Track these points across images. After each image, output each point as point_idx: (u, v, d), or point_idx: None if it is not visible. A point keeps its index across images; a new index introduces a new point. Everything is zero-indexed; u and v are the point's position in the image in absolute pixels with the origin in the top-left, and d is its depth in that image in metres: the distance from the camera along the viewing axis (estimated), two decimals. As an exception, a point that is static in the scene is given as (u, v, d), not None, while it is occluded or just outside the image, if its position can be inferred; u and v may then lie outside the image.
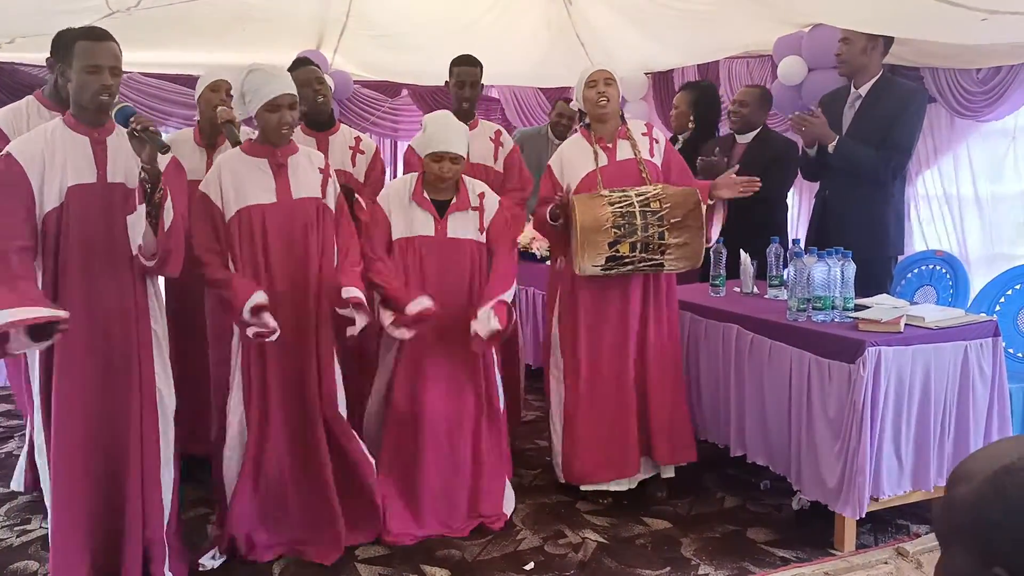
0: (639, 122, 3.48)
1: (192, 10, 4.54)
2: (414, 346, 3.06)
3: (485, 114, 6.46)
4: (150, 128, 2.40)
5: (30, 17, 4.37)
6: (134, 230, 2.50)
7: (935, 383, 2.95)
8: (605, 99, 3.26)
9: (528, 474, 3.76)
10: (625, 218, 3.06)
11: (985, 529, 0.89)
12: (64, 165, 2.50)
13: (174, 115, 5.47)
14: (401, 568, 2.91)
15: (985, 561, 0.88)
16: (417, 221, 3.11)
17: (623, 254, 3.09)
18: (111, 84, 2.48)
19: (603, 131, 3.35)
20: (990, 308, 3.90)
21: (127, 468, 2.59)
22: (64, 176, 2.49)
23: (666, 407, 3.35)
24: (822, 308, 3.08)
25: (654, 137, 3.41)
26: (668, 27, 5.10)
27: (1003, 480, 0.88)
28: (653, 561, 2.96)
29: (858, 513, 2.88)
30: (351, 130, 3.86)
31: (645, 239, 3.08)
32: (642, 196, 3.12)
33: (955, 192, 4.54)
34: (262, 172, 2.87)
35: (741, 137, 4.29)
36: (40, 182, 2.47)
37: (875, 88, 3.67)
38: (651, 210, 3.08)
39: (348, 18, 5.33)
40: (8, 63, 5.07)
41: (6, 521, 3.29)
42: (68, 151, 2.51)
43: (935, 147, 4.55)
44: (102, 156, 2.55)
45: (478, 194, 3.19)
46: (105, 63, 2.47)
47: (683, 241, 3.10)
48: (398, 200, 3.14)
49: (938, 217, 4.61)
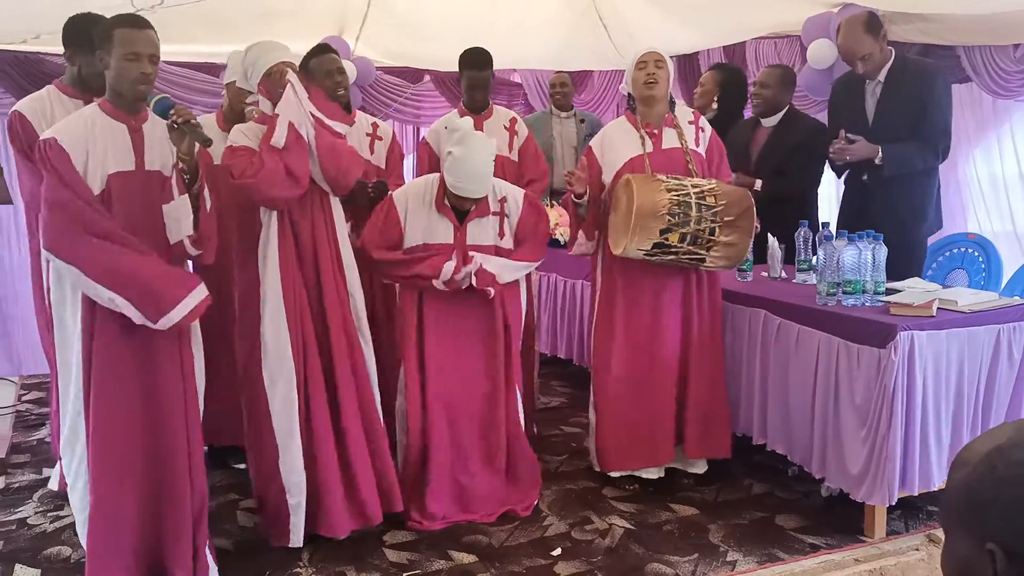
0: (687, 110, 3.41)
1: (216, 7, 4.56)
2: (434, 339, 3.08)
3: (508, 99, 6.43)
4: (191, 121, 2.43)
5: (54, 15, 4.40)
6: (171, 219, 2.54)
7: (968, 367, 2.90)
8: (654, 79, 3.20)
9: (554, 460, 3.76)
10: (681, 208, 3.01)
11: (978, 508, 0.91)
12: (105, 152, 2.51)
13: (197, 103, 5.48)
14: (428, 553, 2.92)
15: (980, 539, 0.91)
16: (436, 228, 3.08)
17: (671, 243, 3.04)
18: (150, 72, 2.49)
19: (650, 116, 3.27)
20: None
21: (174, 455, 2.59)
22: (106, 163, 2.51)
23: (702, 402, 3.31)
24: (852, 292, 3.04)
25: (700, 126, 3.34)
26: (692, 8, 5.04)
27: (994, 460, 0.91)
28: (681, 547, 2.95)
29: (887, 500, 2.85)
30: (367, 117, 3.84)
31: (696, 232, 3.04)
32: (698, 188, 3.07)
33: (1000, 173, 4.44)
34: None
35: (766, 120, 4.17)
36: (84, 168, 2.48)
37: (892, 72, 3.56)
38: (706, 204, 3.04)
39: (369, 6, 5.32)
40: (33, 53, 5.13)
41: (39, 507, 3.34)
42: (108, 138, 2.52)
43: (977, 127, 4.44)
44: (139, 144, 2.56)
45: (499, 199, 3.14)
46: (144, 51, 2.47)
47: (731, 241, 3.06)
48: (417, 203, 3.10)
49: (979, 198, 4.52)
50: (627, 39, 5.64)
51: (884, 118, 3.57)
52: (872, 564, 2.79)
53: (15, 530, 3.14)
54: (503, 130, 3.88)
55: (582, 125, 5.39)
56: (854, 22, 3.52)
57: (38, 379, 5.08)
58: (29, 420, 4.43)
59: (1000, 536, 0.89)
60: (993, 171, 4.47)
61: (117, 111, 2.55)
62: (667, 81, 3.25)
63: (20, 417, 4.49)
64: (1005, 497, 0.89)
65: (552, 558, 2.89)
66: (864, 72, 3.57)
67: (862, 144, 3.48)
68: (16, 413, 4.56)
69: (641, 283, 3.27)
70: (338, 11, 5.38)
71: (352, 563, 2.85)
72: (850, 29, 3.52)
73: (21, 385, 5.09)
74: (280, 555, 2.89)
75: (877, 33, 3.50)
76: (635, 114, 3.31)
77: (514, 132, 3.91)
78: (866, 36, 3.49)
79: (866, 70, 3.55)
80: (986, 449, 0.93)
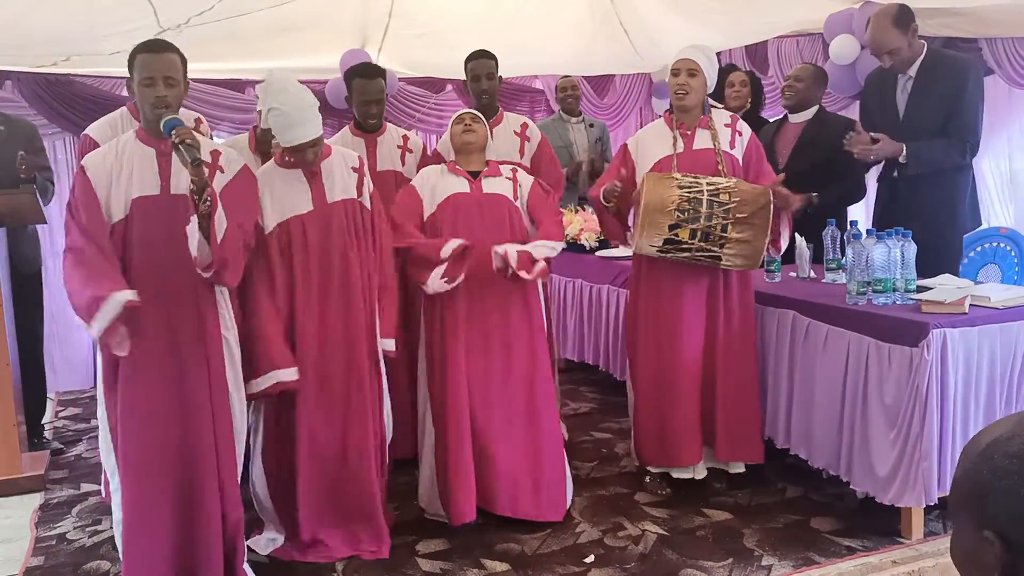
0: (724, 113, 3.40)
1: (239, 25, 4.63)
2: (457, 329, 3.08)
3: (530, 106, 6.45)
4: (187, 140, 2.39)
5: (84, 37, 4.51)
6: (191, 240, 2.53)
7: (1001, 363, 2.86)
8: (684, 90, 3.20)
9: (585, 466, 3.75)
10: (691, 204, 3.01)
11: (977, 497, 0.96)
12: (130, 177, 2.55)
13: (224, 119, 5.55)
14: (461, 562, 2.92)
15: (978, 527, 0.95)
16: (452, 185, 3.15)
17: (681, 239, 3.05)
18: (165, 95, 2.51)
19: (685, 118, 3.29)
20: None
21: (203, 473, 2.62)
22: (130, 188, 2.55)
23: (731, 406, 3.29)
24: (883, 291, 3.00)
25: (738, 129, 3.32)
26: (713, 10, 5.02)
27: (992, 451, 0.96)
28: (715, 553, 2.92)
29: (923, 501, 2.81)
30: (398, 129, 3.87)
31: (707, 228, 3.03)
32: (713, 185, 3.06)
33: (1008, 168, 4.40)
34: (298, 182, 2.91)
35: (795, 116, 4.14)
36: (107, 195, 2.53)
37: (924, 67, 3.51)
38: (719, 201, 3.03)
39: (390, 18, 5.36)
40: (64, 75, 5.23)
41: (78, 522, 3.39)
42: (135, 163, 2.56)
43: (992, 122, 4.40)
44: (166, 168, 2.58)
45: (511, 169, 3.26)
46: (159, 74, 2.50)
47: (745, 238, 3.04)
48: (432, 178, 3.20)
49: (995, 193, 4.47)
50: (648, 43, 5.64)
51: (915, 113, 3.53)
52: (910, 566, 2.75)
53: (55, 545, 3.19)
54: (513, 136, 3.86)
55: (591, 130, 5.36)
56: (883, 15, 3.48)
57: (74, 395, 5.17)
58: (66, 436, 4.50)
59: (997, 524, 0.93)
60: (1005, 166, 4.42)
61: (148, 136, 2.59)
62: (702, 89, 3.23)
63: (57, 433, 4.56)
64: (1000, 486, 0.93)
65: (585, 565, 2.88)
66: (892, 67, 3.53)
67: (885, 142, 3.44)
68: (54, 429, 4.63)
69: (663, 284, 3.27)
70: (359, 24, 5.43)
71: (386, 572, 2.87)
72: (879, 22, 3.49)
73: (58, 401, 5.18)
74: (315, 566, 2.91)
75: (907, 28, 3.46)
76: (672, 115, 3.32)
77: (525, 138, 3.87)
78: (894, 30, 3.45)
79: (893, 64, 3.51)
80: (987, 440, 0.97)
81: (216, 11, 4.42)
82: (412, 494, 3.37)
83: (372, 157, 3.68)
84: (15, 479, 3.71)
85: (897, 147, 3.44)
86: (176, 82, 2.54)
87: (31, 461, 3.89)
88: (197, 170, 2.38)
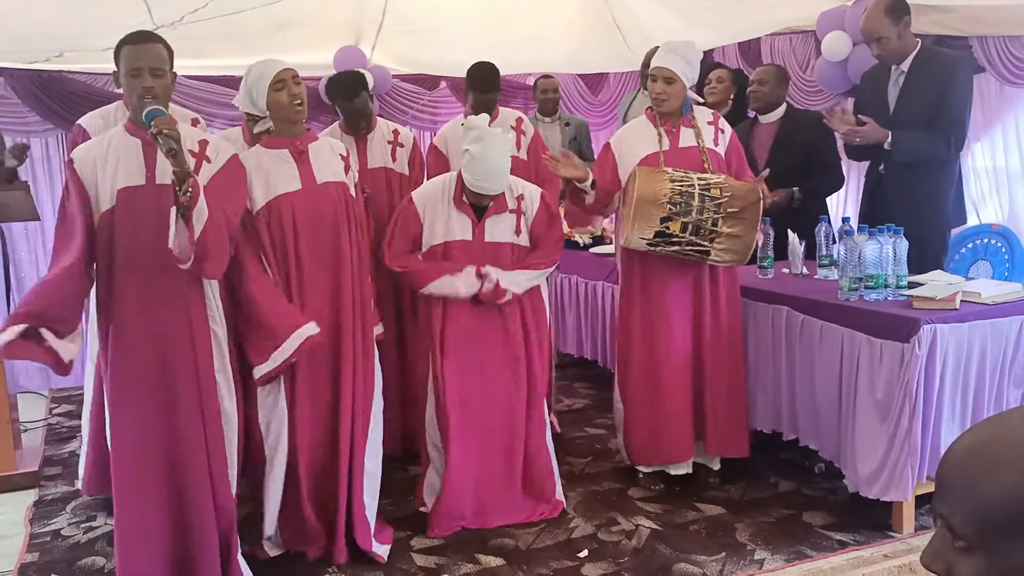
0: (706, 111, 3.42)
1: (234, 22, 4.63)
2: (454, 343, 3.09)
3: (524, 103, 6.44)
4: (164, 130, 2.35)
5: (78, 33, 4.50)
6: (170, 230, 2.46)
7: (991, 358, 2.89)
8: (662, 98, 3.21)
9: (578, 462, 3.76)
10: (683, 197, 3.03)
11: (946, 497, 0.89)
12: (116, 168, 2.54)
13: (218, 116, 5.54)
14: (456, 557, 2.94)
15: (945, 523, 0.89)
16: (455, 225, 3.09)
17: (672, 232, 3.06)
18: (152, 86, 2.49)
19: (667, 117, 3.30)
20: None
21: (191, 468, 2.61)
22: (115, 178, 2.54)
23: (720, 400, 3.32)
24: (875, 287, 3.02)
25: (720, 127, 3.35)
26: (706, 8, 5.03)
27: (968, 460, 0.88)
28: (708, 547, 2.94)
29: (909, 495, 2.84)
30: (388, 124, 3.87)
31: (698, 222, 3.05)
32: (704, 181, 3.08)
33: (1004, 164, 4.42)
34: (286, 162, 2.86)
35: (765, 117, 4.16)
36: (94, 186, 2.53)
37: (916, 62, 3.54)
38: (710, 195, 3.05)
39: (384, 15, 5.36)
40: (58, 71, 5.22)
41: (72, 518, 3.39)
42: (121, 154, 2.56)
43: (985, 119, 4.43)
44: (152, 158, 2.57)
45: (516, 196, 3.16)
46: (145, 64, 2.49)
47: (735, 233, 3.06)
48: (435, 201, 3.12)
49: (987, 190, 4.49)
50: (642, 41, 5.65)
51: (905, 107, 3.56)
52: (902, 560, 2.77)
53: (49, 541, 3.20)
54: (509, 130, 3.87)
55: (567, 129, 5.36)
56: (878, 3, 3.52)
57: (68, 392, 5.16)
58: (61, 433, 4.50)
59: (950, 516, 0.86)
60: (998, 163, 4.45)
61: (135, 127, 2.58)
62: (681, 92, 3.22)
63: (51, 430, 4.56)
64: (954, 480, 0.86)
65: (579, 560, 2.90)
66: (879, 57, 3.56)
67: (872, 126, 3.48)
68: (48, 426, 4.63)
69: (650, 281, 3.28)
70: (354, 21, 5.42)
71: (381, 568, 2.88)
72: (872, 9, 3.53)
73: (52, 398, 5.17)
74: (311, 561, 2.92)
75: (898, 19, 3.49)
76: (655, 113, 3.33)
77: (521, 131, 3.89)
78: (885, 19, 3.48)
79: (881, 54, 3.55)
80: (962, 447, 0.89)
81: (210, 8, 4.41)
82: (406, 490, 3.38)
83: (363, 155, 3.68)
84: (9, 476, 3.72)
85: (883, 133, 3.48)
86: (163, 72, 2.53)
87: (25, 458, 3.89)
88: (176, 160, 2.35)
